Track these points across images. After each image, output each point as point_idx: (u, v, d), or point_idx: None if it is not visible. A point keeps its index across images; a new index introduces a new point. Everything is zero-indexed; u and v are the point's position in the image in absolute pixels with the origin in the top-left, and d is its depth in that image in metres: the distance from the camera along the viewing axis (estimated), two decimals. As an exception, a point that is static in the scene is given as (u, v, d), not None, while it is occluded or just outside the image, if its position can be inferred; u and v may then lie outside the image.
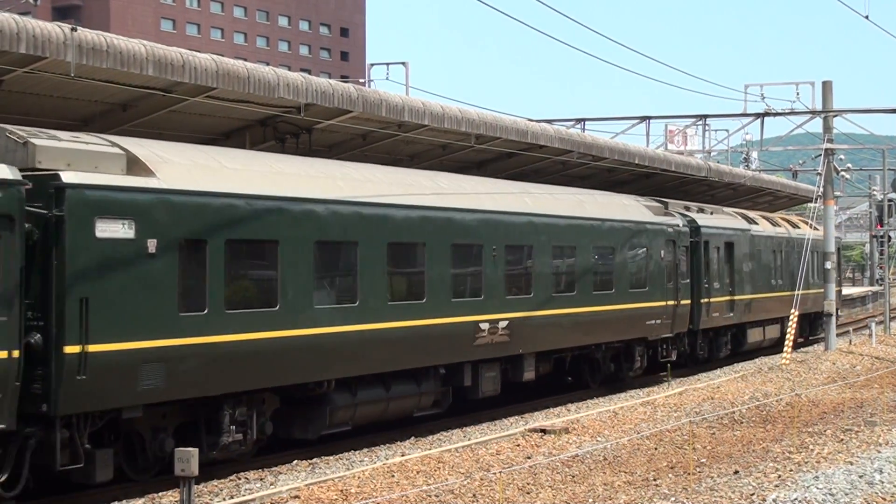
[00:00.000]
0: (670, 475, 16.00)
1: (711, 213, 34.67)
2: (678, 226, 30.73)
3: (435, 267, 20.48)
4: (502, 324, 22.20)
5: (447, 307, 20.78)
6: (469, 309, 21.34)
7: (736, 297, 34.89)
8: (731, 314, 34.64)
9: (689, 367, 33.43)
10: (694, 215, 32.94)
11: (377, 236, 19.02)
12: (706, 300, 32.43)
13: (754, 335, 37.45)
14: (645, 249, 28.30)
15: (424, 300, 20.19)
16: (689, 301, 31.03)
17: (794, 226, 43.22)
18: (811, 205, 39.66)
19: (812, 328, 44.63)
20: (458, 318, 21.01)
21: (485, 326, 21.66)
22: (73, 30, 15.52)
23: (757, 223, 38.00)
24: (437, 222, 20.62)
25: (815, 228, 42.44)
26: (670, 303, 29.58)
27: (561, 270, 24.59)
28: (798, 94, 41.44)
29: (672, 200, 33.18)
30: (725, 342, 35.25)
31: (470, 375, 21.83)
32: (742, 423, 21.21)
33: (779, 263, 39.42)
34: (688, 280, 31.17)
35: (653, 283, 28.59)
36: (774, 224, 40.95)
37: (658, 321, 28.89)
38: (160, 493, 15.46)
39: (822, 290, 40.88)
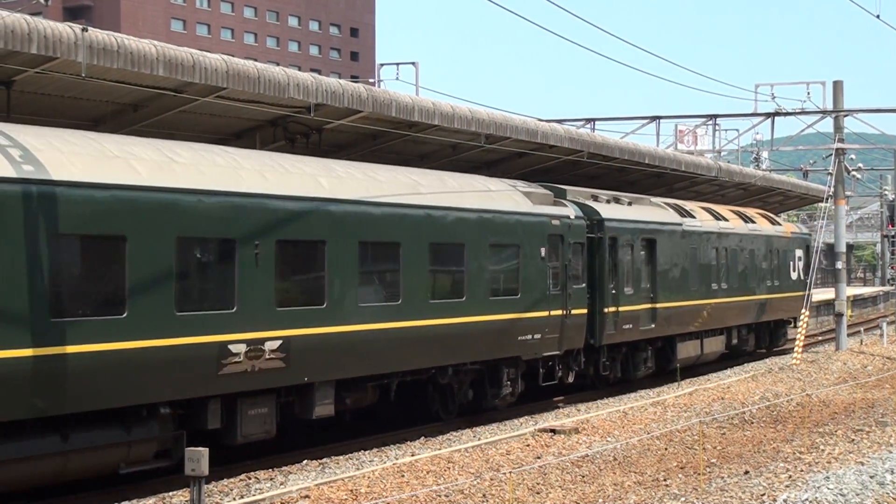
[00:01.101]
0: (680, 475, 15.99)
1: (630, 204, 29.00)
2: (568, 218, 24.63)
3: (144, 269, 14.81)
4: (271, 345, 16.66)
5: (170, 324, 15.08)
6: (211, 326, 15.73)
7: (660, 305, 28.88)
8: (653, 325, 28.49)
9: (593, 390, 27.46)
10: (597, 205, 26.80)
11: None
12: (612, 309, 26.38)
13: (687, 349, 31.15)
14: (517, 247, 22.62)
15: (125, 315, 14.51)
16: (585, 310, 25.03)
17: (773, 222, 39.13)
18: (821, 204, 39.56)
19: (773, 338, 39.62)
20: (190, 339, 15.38)
21: (238, 349, 16.09)
22: (84, 30, 15.55)
23: (694, 216, 32.18)
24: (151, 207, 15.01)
25: (801, 228, 41.98)
26: (555, 313, 23.77)
27: (376, 274, 19.12)
28: (809, 93, 41.35)
29: (574, 188, 27.25)
30: (645, 359, 28.91)
31: (219, 414, 16.28)
32: (752, 423, 21.18)
33: (729, 264, 33.91)
34: (584, 284, 25.17)
35: (528, 289, 22.90)
36: (748, 220, 36.47)
37: (537, 336, 23.13)
38: (171, 493, 15.49)
39: (792, 294, 38.53)
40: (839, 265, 37.80)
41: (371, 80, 52.99)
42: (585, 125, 38.82)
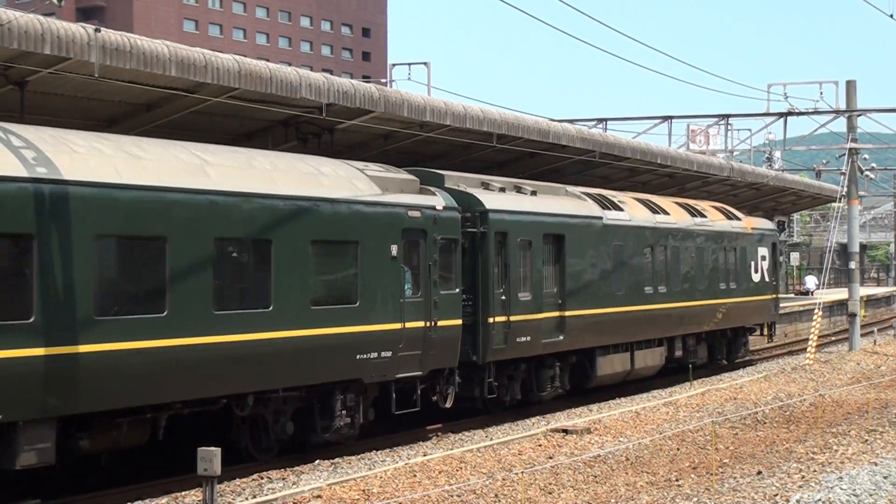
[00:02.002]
0: (693, 475, 15.96)
1: (534, 194, 24.09)
2: (434, 209, 20.10)
3: None
4: None
5: None
6: None
7: (570, 313, 24.26)
8: (561, 337, 23.94)
9: (487, 414, 23.09)
10: (482, 194, 22.20)
11: None
12: (501, 319, 21.94)
13: (612, 364, 26.34)
14: (355, 244, 18.28)
15: None
16: (459, 321, 20.69)
17: (729, 216, 33.83)
18: (835, 204, 39.45)
19: (732, 348, 34.25)
20: None
21: None
22: (97, 31, 15.59)
23: (622, 208, 27.34)
24: None
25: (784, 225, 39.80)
26: (414, 325, 19.34)
27: (128, 277, 14.95)
28: (822, 93, 41.29)
29: (457, 173, 22.78)
30: (552, 377, 24.18)
31: None
32: (765, 423, 21.13)
33: (669, 264, 29.09)
34: (458, 290, 20.80)
35: (371, 297, 18.51)
36: (696, 214, 31.46)
37: (386, 354, 18.79)
38: (183, 493, 15.52)
39: (756, 298, 34.12)
40: (852, 265, 37.71)
41: (383, 81, 53.06)
42: (597, 125, 38.81)
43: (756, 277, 34.31)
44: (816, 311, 35.31)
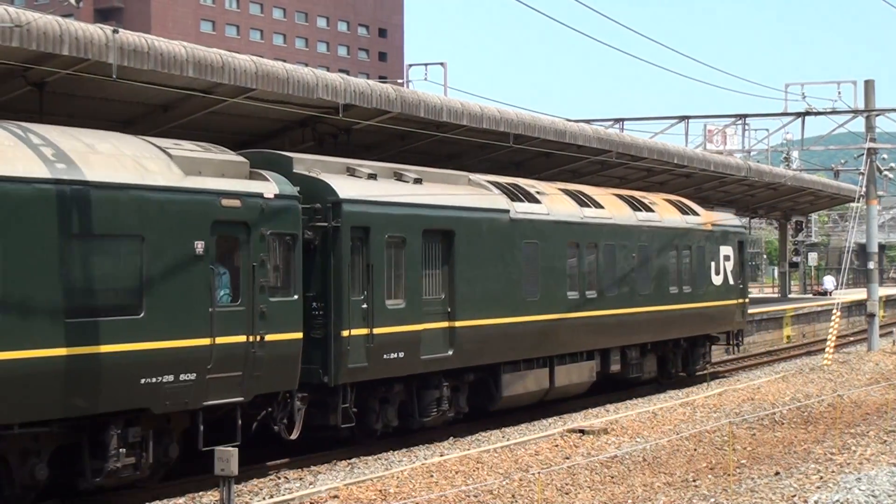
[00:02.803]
0: (710, 476, 15.93)
1: (418, 182, 20.06)
2: (261, 197, 16.44)
3: None
4: None
5: None
6: None
7: (463, 324, 20.29)
8: (450, 352, 20.02)
9: (339, 448, 18.93)
10: (337, 181, 18.39)
11: None
12: (362, 331, 18.11)
13: (524, 383, 22.30)
14: (136, 239, 14.64)
15: None
16: (299, 334, 16.97)
17: (684, 210, 29.46)
18: (853, 205, 39.30)
19: (689, 359, 29.87)
20: None
21: None
22: (115, 32, 15.66)
23: (538, 200, 23.12)
24: None
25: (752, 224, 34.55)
26: (232, 340, 15.79)
27: None
28: (840, 92, 41.18)
29: (309, 156, 19.11)
30: (439, 399, 20.11)
31: None
32: (783, 424, 21.07)
33: (601, 266, 24.93)
34: (297, 296, 17.04)
35: (164, 304, 14.91)
36: (639, 208, 27.09)
37: (189, 377, 15.14)
38: (200, 493, 15.56)
39: (717, 304, 30.01)
40: (871, 265, 37.57)
41: (399, 81, 53.11)
42: (614, 125, 38.74)
43: (717, 280, 30.05)
44: (835, 311, 35.17)
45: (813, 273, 78.41)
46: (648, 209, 27.41)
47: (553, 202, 23.76)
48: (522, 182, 23.77)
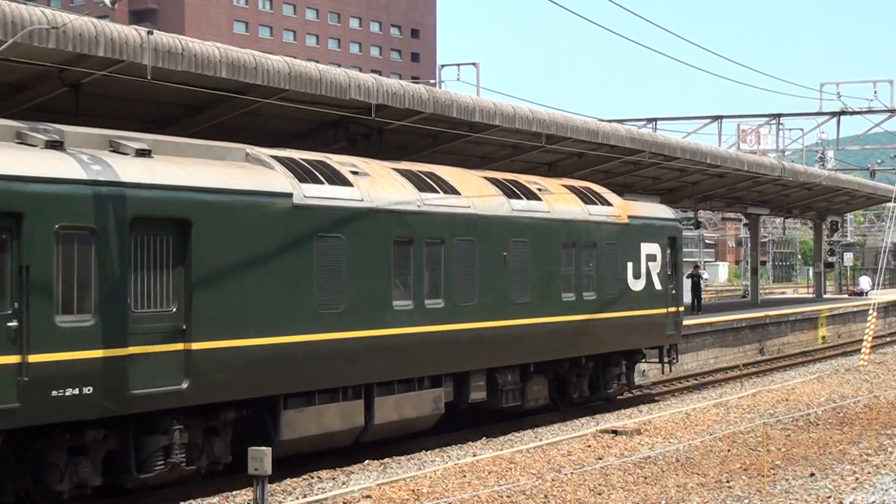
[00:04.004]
0: (744, 477, 15.84)
1: (142, 154, 14.97)
2: None
3: None
4: None
5: None
6: None
7: (206, 345, 15.11)
8: (184, 384, 14.76)
9: None
10: None
11: None
12: (9, 359, 13.07)
13: (319, 420, 16.90)
14: None
15: None
16: None
17: (588, 199, 23.51)
18: (890, 204, 39.00)
19: (602, 381, 24.10)
20: None
21: None
22: (150, 33, 15.77)
23: (348, 183, 17.61)
24: None
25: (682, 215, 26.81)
26: None
27: None
28: (876, 92, 40.88)
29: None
30: (167, 448, 14.82)
31: None
32: (818, 424, 20.93)
33: (448, 266, 19.29)
34: None
35: None
36: (518, 195, 21.36)
37: None
38: (234, 492, 15.64)
39: (638, 313, 24.41)
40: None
41: (432, 81, 53.17)
42: (647, 125, 38.67)
43: (637, 284, 24.40)
44: (871, 311, 34.90)
45: (849, 273, 77.84)
46: (531, 196, 21.69)
47: (375, 185, 18.13)
48: (338, 160, 18.39)
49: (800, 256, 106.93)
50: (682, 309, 26.59)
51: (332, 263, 17.06)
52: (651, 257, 24.99)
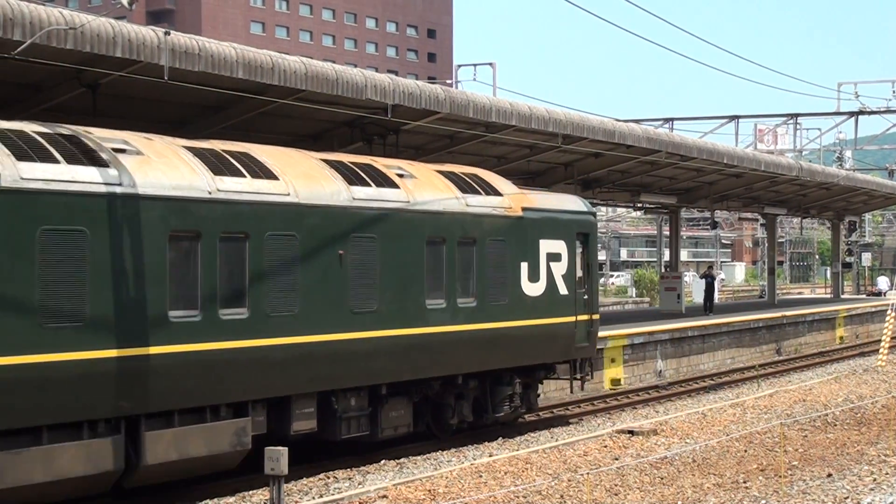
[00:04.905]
0: (760, 478, 15.80)
1: None
2: None
3: None
4: None
5: None
6: None
7: None
8: None
9: None
10: None
11: None
12: None
13: (53, 467, 13.13)
14: None
15: None
16: None
17: (468, 188, 19.58)
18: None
19: (488, 404, 20.39)
20: None
21: None
22: (167, 33, 15.83)
23: (103, 161, 14.02)
24: None
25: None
26: None
27: None
28: (894, 91, 40.68)
29: None
30: None
31: None
32: (836, 425, 20.85)
33: (270, 268, 15.73)
34: None
35: None
36: (365, 181, 17.53)
37: None
38: (251, 492, 15.68)
39: (537, 323, 20.41)
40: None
41: (448, 81, 53.17)
42: (663, 125, 38.58)
43: (535, 289, 20.57)
44: (889, 312, 34.75)
45: (866, 273, 77.55)
46: (383, 183, 17.85)
47: (144, 165, 14.45)
48: (103, 134, 14.74)
49: (817, 256, 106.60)
50: (596, 316, 22.38)
51: (66, 264, 13.39)
52: (554, 256, 21.12)
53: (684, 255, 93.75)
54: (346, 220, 16.90)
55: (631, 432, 20.04)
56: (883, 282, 66.77)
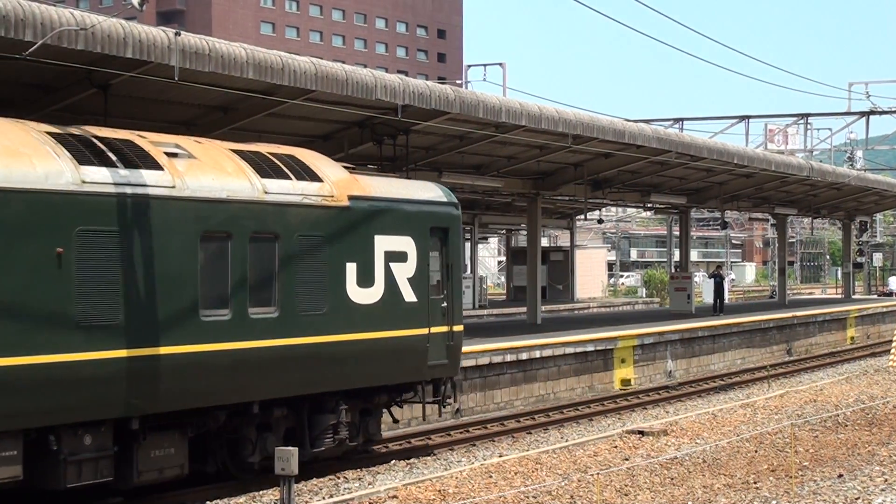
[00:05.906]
0: (771, 478, 15.77)
1: None
2: None
3: None
4: None
5: None
6: None
7: None
8: None
9: None
10: None
11: None
12: None
13: None
14: None
15: None
16: None
17: (274, 173, 15.71)
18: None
19: (305, 437, 16.45)
20: None
21: None
22: (177, 34, 15.85)
23: None
24: None
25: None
26: None
27: None
28: (905, 90, 40.52)
29: None
30: None
31: None
32: (846, 425, 20.79)
33: None
34: None
35: None
36: (105, 160, 13.64)
37: None
38: (261, 492, 15.69)
39: (369, 337, 16.65)
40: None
41: (458, 82, 53.20)
42: (673, 125, 38.55)
43: (368, 296, 16.85)
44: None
45: (878, 274, 77.35)
46: (142, 163, 14.12)
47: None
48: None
49: (828, 257, 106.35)
50: (459, 328, 18.63)
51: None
52: (396, 256, 17.39)
53: (694, 255, 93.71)
54: (70, 210, 13.17)
55: (641, 433, 20.02)
56: (894, 282, 66.58)
